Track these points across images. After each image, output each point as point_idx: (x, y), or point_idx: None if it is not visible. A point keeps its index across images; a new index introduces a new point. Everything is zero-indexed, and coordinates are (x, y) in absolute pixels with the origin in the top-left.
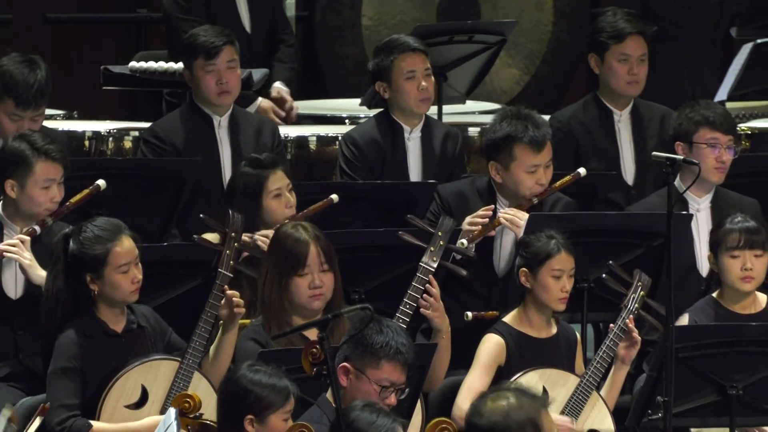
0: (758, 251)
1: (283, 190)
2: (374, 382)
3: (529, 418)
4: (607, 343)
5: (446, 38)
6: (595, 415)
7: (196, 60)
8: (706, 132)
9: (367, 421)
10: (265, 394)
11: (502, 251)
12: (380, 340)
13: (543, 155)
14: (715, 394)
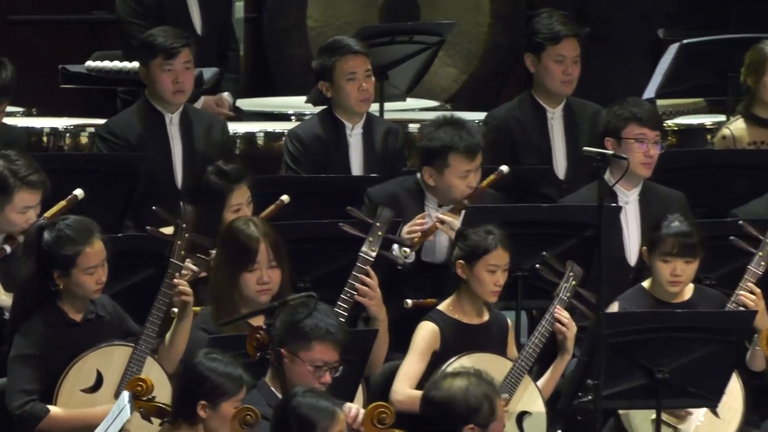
0: (689, 258)
1: (242, 205)
2: (308, 363)
3: (486, 395)
4: (539, 329)
5: (388, 39)
6: (527, 397)
7: (155, 59)
8: (634, 128)
9: (309, 405)
10: (221, 381)
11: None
12: (310, 323)
13: (475, 161)
14: (642, 378)
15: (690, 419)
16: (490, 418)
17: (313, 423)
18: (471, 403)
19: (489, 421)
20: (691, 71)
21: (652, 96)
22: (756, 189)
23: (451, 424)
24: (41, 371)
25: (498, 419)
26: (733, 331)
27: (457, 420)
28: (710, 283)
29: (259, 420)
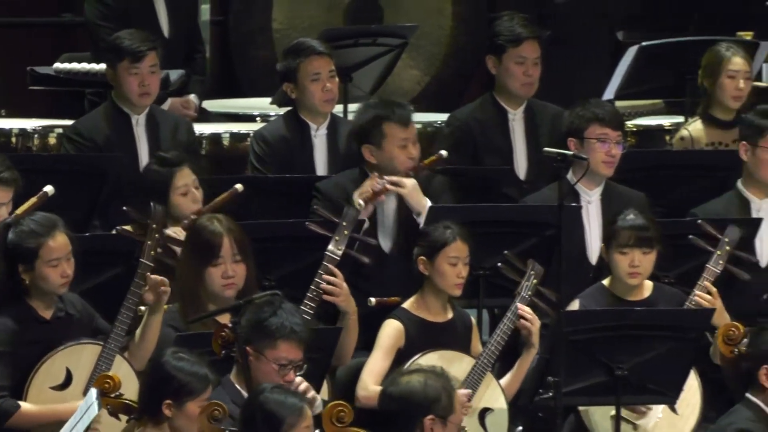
0: (646, 249)
1: (189, 186)
2: (273, 362)
3: (444, 387)
4: (501, 327)
5: (352, 41)
6: (489, 394)
7: (122, 62)
8: (597, 128)
9: (277, 401)
10: (187, 381)
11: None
12: (275, 322)
13: (410, 129)
14: (602, 375)
15: (649, 415)
16: (449, 409)
17: (281, 419)
18: (430, 395)
19: (448, 413)
20: (650, 73)
21: (611, 97)
22: (714, 189)
23: (412, 416)
24: (12, 368)
25: (456, 412)
26: (691, 328)
27: (417, 411)
28: (668, 282)
29: (226, 415)
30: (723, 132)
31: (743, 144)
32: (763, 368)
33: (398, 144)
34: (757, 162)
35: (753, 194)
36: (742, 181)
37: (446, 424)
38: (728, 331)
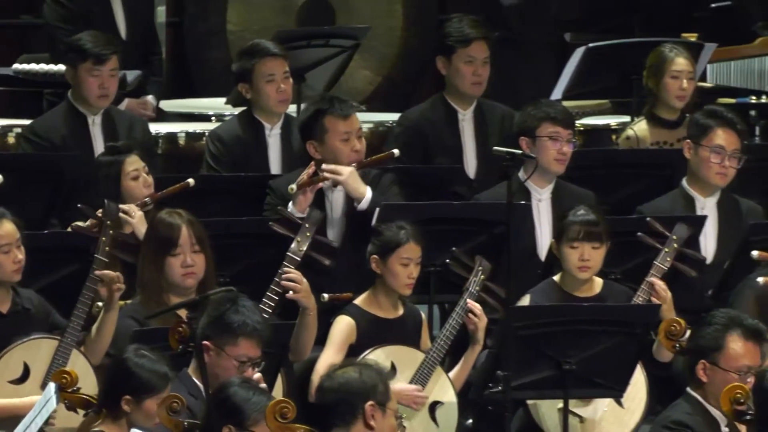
0: (596, 244)
1: (140, 171)
2: (233, 358)
3: (379, 374)
4: (450, 322)
5: (305, 42)
6: (439, 388)
7: (84, 63)
8: (548, 126)
9: (243, 397)
10: (147, 378)
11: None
12: (237, 319)
13: (352, 122)
14: (550, 369)
15: (595, 408)
16: (386, 395)
17: (246, 414)
18: (367, 382)
19: (386, 399)
20: (597, 74)
21: (559, 97)
22: (659, 187)
23: (352, 404)
24: None
25: (392, 399)
26: (638, 324)
27: (356, 399)
28: (615, 278)
29: (185, 407)
30: (668, 131)
31: (687, 142)
32: (701, 363)
33: (340, 137)
34: (699, 161)
35: (697, 192)
36: (686, 179)
37: (385, 410)
38: (670, 326)
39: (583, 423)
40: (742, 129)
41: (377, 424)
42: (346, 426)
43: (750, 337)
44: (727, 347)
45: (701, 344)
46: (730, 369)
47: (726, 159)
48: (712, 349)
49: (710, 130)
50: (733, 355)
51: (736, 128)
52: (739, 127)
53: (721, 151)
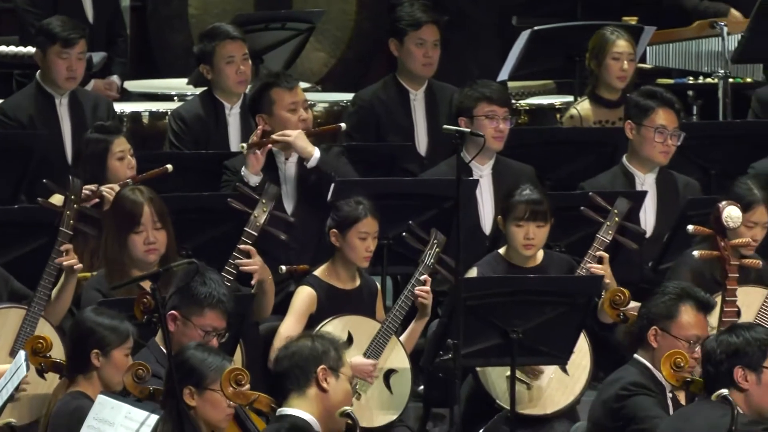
0: (541, 222)
1: (125, 153)
2: (199, 328)
3: (332, 343)
4: (405, 293)
5: (262, 25)
6: (394, 356)
7: (53, 46)
8: (485, 106)
9: (200, 358)
10: (108, 332)
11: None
12: (204, 291)
13: (297, 93)
14: (498, 338)
15: (541, 376)
16: (339, 361)
17: (203, 374)
18: (318, 348)
19: (338, 365)
20: (542, 55)
21: (505, 78)
22: (601, 164)
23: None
24: None
25: (346, 366)
26: (581, 294)
27: (308, 363)
28: (560, 250)
29: (149, 374)
30: (609, 110)
31: (628, 123)
32: (653, 329)
33: (287, 108)
34: (642, 140)
35: (637, 169)
36: (627, 156)
37: (338, 375)
38: (614, 296)
39: (529, 389)
40: (679, 108)
41: (331, 387)
42: (300, 390)
43: (701, 308)
44: (680, 316)
45: (655, 311)
46: (680, 337)
47: (668, 138)
48: (665, 317)
49: (651, 111)
50: (685, 325)
51: (674, 108)
52: (677, 107)
53: (664, 130)
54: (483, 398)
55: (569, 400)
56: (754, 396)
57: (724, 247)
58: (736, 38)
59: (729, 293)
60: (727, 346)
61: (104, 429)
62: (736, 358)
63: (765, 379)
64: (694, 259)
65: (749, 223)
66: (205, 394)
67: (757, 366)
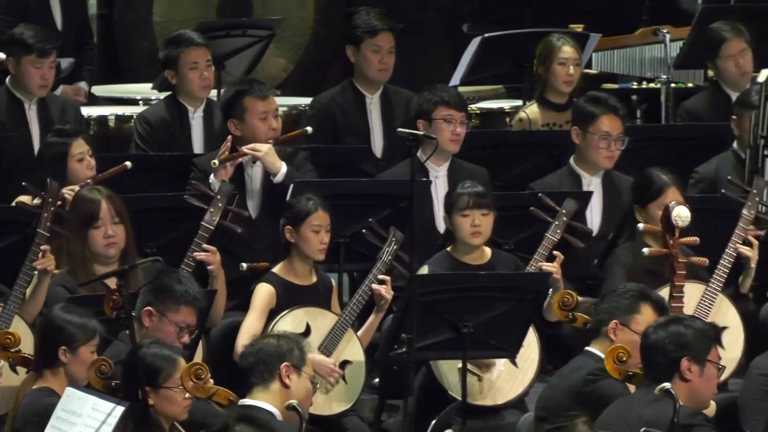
0: (485, 210)
1: (84, 154)
2: (174, 324)
3: (296, 341)
4: (362, 287)
5: (224, 32)
6: (350, 348)
7: (28, 55)
8: (443, 110)
9: (153, 355)
10: (76, 329)
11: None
12: (180, 289)
13: (269, 102)
14: (450, 332)
15: (492, 369)
16: (302, 360)
17: (158, 369)
18: (283, 346)
19: (301, 363)
20: (492, 61)
21: (457, 83)
22: (548, 166)
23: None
24: None
25: (308, 364)
26: (529, 290)
27: (273, 360)
28: (509, 248)
29: (112, 369)
30: (556, 114)
31: (574, 128)
32: (613, 323)
33: (258, 116)
34: (587, 145)
35: (584, 170)
36: (573, 158)
37: (301, 373)
38: (563, 298)
39: (480, 381)
40: (624, 113)
41: (293, 384)
42: (264, 385)
43: (658, 309)
44: (641, 314)
45: (617, 307)
46: (637, 332)
47: (612, 143)
48: (627, 312)
49: (596, 118)
50: (643, 322)
51: (618, 113)
52: (621, 112)
53: (608, 137)
54: (436, 390)
55: (519, 392)
56: (696, 387)
57: (672, 245)
58: (678, 45)
59: (677, 289)
60: (678, 337)
61: (72, 420)
62: (685, 349)
63: (707, 372)
64: (626, 257)
65: (663, 205)
66: (160, 391)
67: (702, 359)
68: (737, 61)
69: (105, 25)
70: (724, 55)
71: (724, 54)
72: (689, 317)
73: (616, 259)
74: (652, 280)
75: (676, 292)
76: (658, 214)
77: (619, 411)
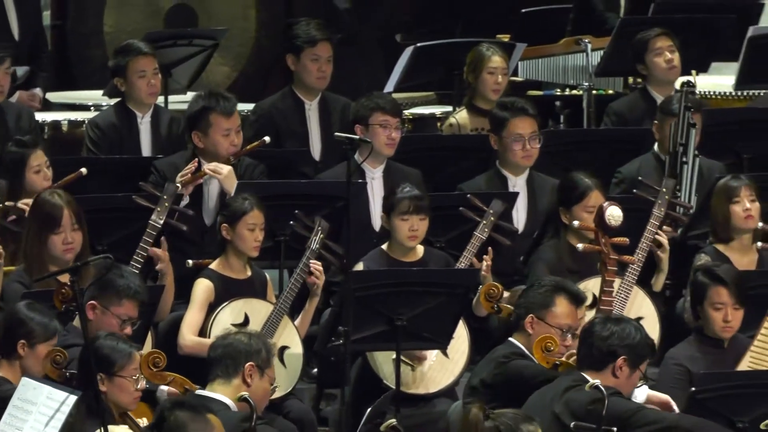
0: (423, 215)
1: (42, 166)
2: (116, 317)
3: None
4: (295, 276)
5: (171, 42)
6: (286, 334)
7: None
8: (379, 115)
9: (110, 346)
10: (37, 327)
11: (209, 203)
12: (122, 283)
13: (233, 120)
14: (384, 325)
15: (424, 360)
16: (267, 362)
17: (113, 361)
18: (252, 345)
19: (266, 365)
20: (424, 69)
21: (391, 90)
22: (477, 168)
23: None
24: None
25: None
26: (459, 285)
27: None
28: (440, 246)
29: (66, 359)
30: (485, 119)
31: (491, 136)
32: (530, 317)
33: (222, 132)
34: (504, 149)
35: (509, 172)
36: (499, 161)
37: (263, 374)
38: (489, 289)
39: (413, 371)
40: (533, 113)
41: (254, 383)
42: (227, 378)
43: (574, 301)
44: (555, 307)
45: (532, 302)
46: (553, 325)
47: (527, 143)
48: (541, 306)
49: (506, 122)
50: (558, 314)
51: (528, 114)
52: (531, 112)
53: (520, 138)
54: (371, 379)
55: (449, 381)
56: (621, 386)
57: (605, 243)
58: (599, 54)
59: (607, 284)
60: (626, 337)
61: (27, 408)
62: (627, 350)
63: (634, 378)
64: (549, 254)
65: (589, 208)
66: (114, 380)
67: (636, 365)
68: (665, 55)
69: (59, 35)
70: (652, 48)
71: (652, 48)
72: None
73: (540, 256)
74: (573, 277)
75: (607, 287)
76: (582, 215)
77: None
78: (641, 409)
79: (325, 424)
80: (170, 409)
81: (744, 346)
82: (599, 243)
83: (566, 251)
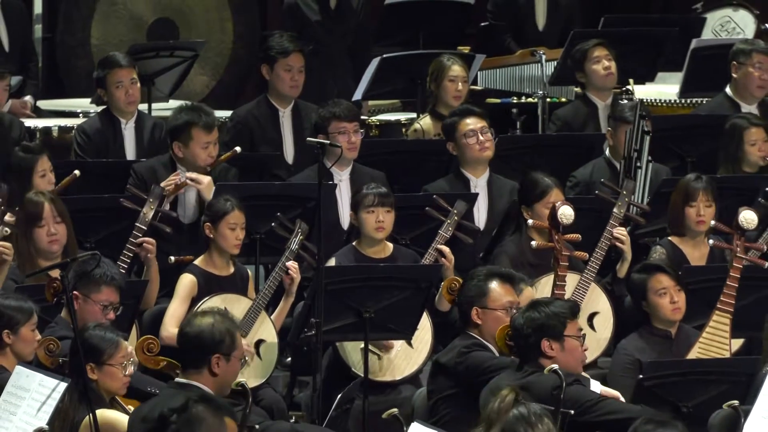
0: (388, 208)
1: (47, 171)
2: (98, 303)
3: (228, 330)
4: (273, 274)
5: (154, 53)
6: (263, 329)
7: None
8: (336, 123)
9: (98, 336)
10: (14, 312)
11: (186, 205)
12: (99, 272)
13: (213, 135)
14: (353, 317)
15: (390, 349)
16: (231, 347)
17: (101, 351)
18: (216, 337)
19: (231, 350)
20: (389, 79)
21: (359, 98)
22: (440, 171)
23: (202, 352)
24: None
25: (238, 348)
26: (424, 280)
27: (205, 350)
28: (405, 243)
29: (59, 348)
30: None
31: (448, 143)
32: (474, 309)
33: (202, 145)
34: (462, 150)
35: (471, 174)
36: (461, 164)
37: (230, 359)
38: (451, 283)
39: (380, 360)
40: (480, 111)
41: (221, 371)
42: (197, 369)
43: (506, 281)
44: (491, 292)
45: (470, 294)
46: (497, 308)
47: (479, 135)
48: (479, 296)
49: (457, 124)
50: (496, 297)
51: (474, 111)
52: (477, 110)
53: (472, 133)
54: (341, 368)
55: (414, 369)
56: (562, 361)
57: (557, 240)
58: (552, 65)
59: (560, 278)
60: (532, 321)
61: (21, 395)
62: (541, 332)
63: (568, 345)
64: (511, 248)
65: (549, 205)
66: (103, 368)
67: (559, 336)
68: (603, 63)
69: (49, 47)
70: (590, 57)
71: (590, 57)
72: (547, 300)
73: (503, 249)
74: (533, 270)
75: (559, 281)
76: (544, 212)
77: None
78: (603, 399)
79: (298, 408)
80: (196, 400)
81: (690, 336)
82: (552, 240)
83: (527, 246)
